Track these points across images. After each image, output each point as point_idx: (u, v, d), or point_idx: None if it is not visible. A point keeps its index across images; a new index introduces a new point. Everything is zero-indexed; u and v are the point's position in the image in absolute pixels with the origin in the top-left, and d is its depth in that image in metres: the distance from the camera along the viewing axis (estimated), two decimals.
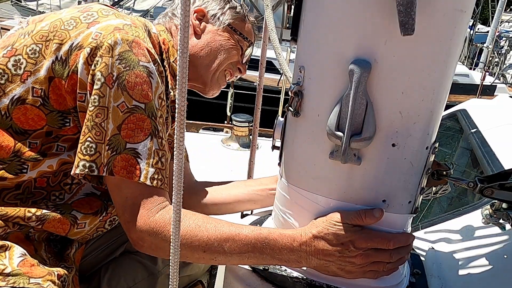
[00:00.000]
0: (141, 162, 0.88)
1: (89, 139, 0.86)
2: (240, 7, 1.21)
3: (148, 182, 0.88)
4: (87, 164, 0.86)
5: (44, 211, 0.93)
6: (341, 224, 0.81)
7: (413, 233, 1.22)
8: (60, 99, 0.90)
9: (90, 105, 0.86)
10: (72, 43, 0.89)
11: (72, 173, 0.88)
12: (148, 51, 0.91)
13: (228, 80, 1.26)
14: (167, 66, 1.05)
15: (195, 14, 1.16)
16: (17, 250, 0.89)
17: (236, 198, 1.27)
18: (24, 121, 0.90)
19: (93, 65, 0.87)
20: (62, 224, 0.96)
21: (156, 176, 0.90)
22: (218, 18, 1.17)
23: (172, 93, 1.07)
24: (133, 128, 0.88)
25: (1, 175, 0.89)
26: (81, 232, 1.00)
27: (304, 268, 0.88)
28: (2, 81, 0.90)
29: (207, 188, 1.30)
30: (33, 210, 0.92)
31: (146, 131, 0.89)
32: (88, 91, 0.88)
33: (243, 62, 1.24)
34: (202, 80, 1.19)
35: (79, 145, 0.87)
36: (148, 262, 1.25)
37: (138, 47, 0.89)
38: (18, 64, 0.90)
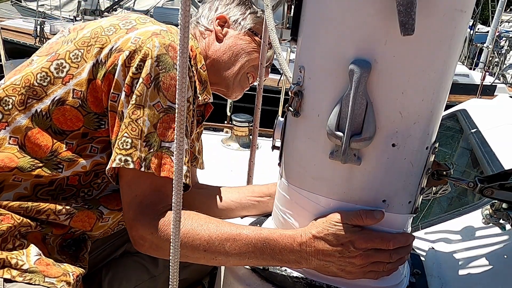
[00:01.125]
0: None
1: (125, 134, 0.90)
2: (261, 12, 1.25)
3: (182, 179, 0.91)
4: (123, 158, 0.89)
5: (73, 205, 0.97)
6: (341, 224, 0.81)
7: (413, 233, 1.22)
8: (97, 101, 0.94)
9: (129, 104, 0.90)
10: (112, 47, 0.93)
11: (108, 167, 0.91)
12: None
13: (251, 83, 1.29)
14: (195, 71, 1.10)
15: (217, 20, 1.22)
16: (33, 250, 0.92)
17: (237, 204, 1.27)
18: (63, 122, 0.94)
19: (133, 68, 0.90)
20: (89, 219, 1.00)
21: (188, 174, 0.96)
22: (240, 23, 1.22)
23: (200, 98, 1.12)
24: (167, 127, 0.92)
25: (38, 173, 0.93)
26: (104, 226, 1.04)
27: (304, 268, 0.88)
28: (45, 83, 0.94)
29: (210, 192, 1.31)
30: (63, 203, 0.96)
31: None
32: (124, 92, 0.91)
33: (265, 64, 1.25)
34: (225, 84, 1.23)
35: (116, 141, 0.90)
36: (149, 264, 1.25)
37: (173, 51, 0.93)
38: (61, 67, 0.95)
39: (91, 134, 0.96)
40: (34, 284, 0.86)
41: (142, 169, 0.88)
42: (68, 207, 0.96)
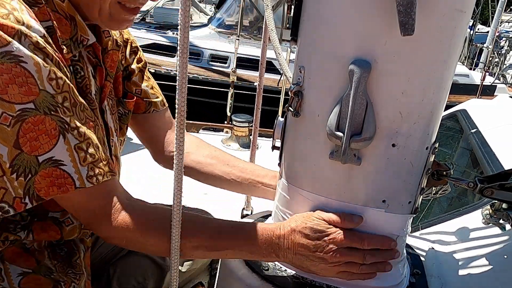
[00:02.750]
0: (67, 168, 0.74)
1: None
2: None
3: (87, 185, 0.76)
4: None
5: (23, 222, 0.85)
6: (319, 220, 0.82)
7: (413, 233, 1.22)
8: None
9: None
10: None
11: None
12: (2, 26, 0.65)
13: (133, 8, 0.85)
14: (49, 11, 0.78)
15: None
16: (13, 270, 0.84)
17: (221, 174, 1.19)
18: None
19: None
20: (49, 226, 0.88)
21: (92, 173, 0.77)
22: None
23: (66, 50, 0.80)
24: (35, 136, 0.70)
25: None
26: (75, 229, 0.93)
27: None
28: None
29: (197, 149, 1.23)
30: (11, 226, 0.84)
31: (53, 131, 0.71)
32: None
33: None
34: (93, 20, 0.87)
35: None
36: (156, 258, 1.24)
37: None
38: None
39: None
40: None
41: (29, 205, 0.72)
42: (23, 223, 0.85)
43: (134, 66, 1.12)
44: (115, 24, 0.87)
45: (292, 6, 0.82)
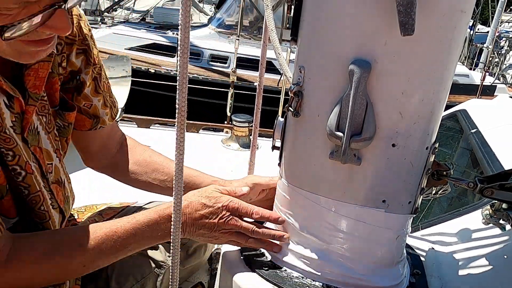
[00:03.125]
0: None
1: None
2: None
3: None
4: None
5: None
6: (216, 191, 0.90)
7: (413, 233, 1.22)
8: None
9: None
10: None
11: None
12: None
13: (44, 36, 0.70)
14: None
15: None
16: None
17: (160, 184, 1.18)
18: None
19: None
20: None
21: None
22: None
23: None
24: None
25: None
26: None
27: (304, 268, 0.88)
28: None
29: (138, 158, 1.19)
30: None
31: None
32: None
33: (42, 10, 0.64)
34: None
35: None
36: (155, 256, 1.24)
37: None
38: None
39: None
40: None
41: None
42: None
43: (86, 75, 0.97)
44: (27, 58, 0.74)
45: (292, 6, 0.82)
